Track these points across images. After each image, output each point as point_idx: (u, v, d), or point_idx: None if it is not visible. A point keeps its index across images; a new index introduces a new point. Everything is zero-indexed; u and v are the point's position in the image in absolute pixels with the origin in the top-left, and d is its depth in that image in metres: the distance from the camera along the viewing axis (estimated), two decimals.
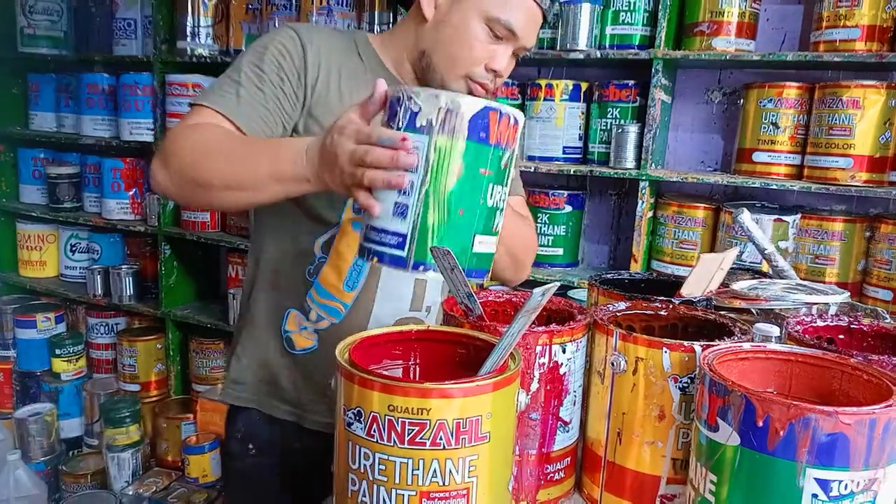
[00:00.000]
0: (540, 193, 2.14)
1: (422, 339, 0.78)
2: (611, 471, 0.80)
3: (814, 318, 0.87)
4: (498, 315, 0.92)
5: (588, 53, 1.95)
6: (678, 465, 0.76)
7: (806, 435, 0.58)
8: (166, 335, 2.65)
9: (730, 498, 0.63)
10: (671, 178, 1.94)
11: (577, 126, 2.10)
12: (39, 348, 2.76)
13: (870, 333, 0.86)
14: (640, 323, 0.89)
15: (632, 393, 0.77)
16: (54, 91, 2.85)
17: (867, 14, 1.70)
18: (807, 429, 0.58)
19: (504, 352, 0.66)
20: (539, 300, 0.64)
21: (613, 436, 0.79)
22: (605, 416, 0.80)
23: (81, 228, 2.86)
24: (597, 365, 0.81)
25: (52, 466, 2.53)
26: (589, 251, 2.29)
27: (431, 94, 0.71)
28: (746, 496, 0.62)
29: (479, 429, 0.61)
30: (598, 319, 0.81)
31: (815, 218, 1.87)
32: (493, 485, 0.63)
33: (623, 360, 0.76)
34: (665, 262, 2.02)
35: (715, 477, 0.64)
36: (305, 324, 1.12)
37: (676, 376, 0.74)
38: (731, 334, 0.80)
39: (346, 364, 0.64)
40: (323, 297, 1.10)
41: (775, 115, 1.85)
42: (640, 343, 0.75)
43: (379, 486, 0.61)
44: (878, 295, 1.80)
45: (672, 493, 0.77)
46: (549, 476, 0.81)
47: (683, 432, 0.75)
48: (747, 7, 1.85)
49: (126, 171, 2.67)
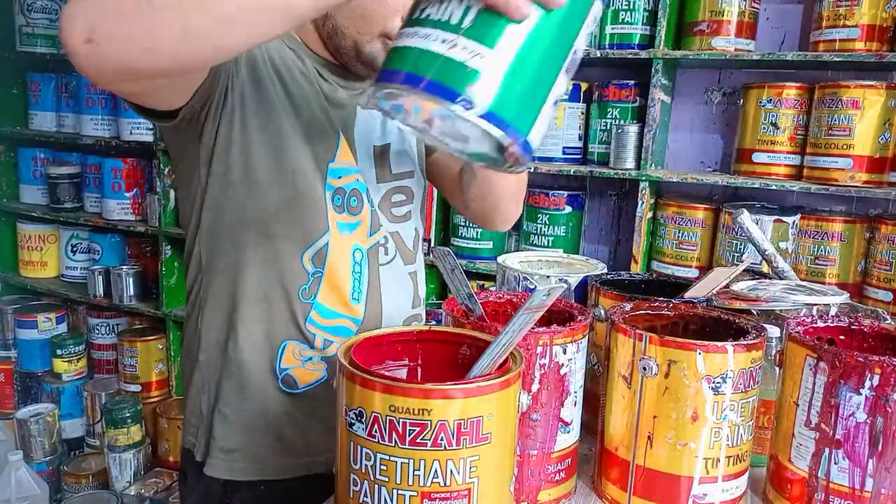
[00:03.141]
0: (540, 194, 2.14)
1: (423, 339, 0.78)
2: (641, 475, 0.79)
3: (814, 318, 0.87)
4: (498, 315, 0.92)
5: (588, 53, 1.95)
6: (710, 465, 0.77)
7: None
8: (167, 335, 2.65)
9: None
10: (671, 179, 1.94)
11: (576, 126, 2.10)
12: (40, 349, 2.76)
13: (870, 334, 0.86)
14: (644, 323, 0.89)
15: (664, 396, 0.77)
16: (54, 90, 2.85)
17: (867, 14, 1.70)
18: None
19: (502, 349, 0.66)
20: (543, 299, 0.63)
21: (643, 439, 0.79)
22: (634, 420, 0.79)
23: (82, 229, 2.87)
24: (620, 369, 0.81)
25: (53, 467, 2.54)
26: (589, 252, 2.30)
27: None
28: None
29: (480, 429, 0.61)
30: (618, 322, 0.81)
31: (814, 219, 1.88)
32: (495, 485, 0.64)
33: (654, 363, 0.76)
34: (665, 263, 2.02)
35: None
36: (309, 353, 0.97)
37: (710, 377, 0.74)
38: (745, 332, 0.80)
39: (348, 364, 0.64)
40: (328, 317, 0.97)
41: (775, 115, 1.85)
42: (674, 346, 0.75)
43: (380, 487, 0.61)
44: (879, 296, 1.80)
45: (704, 492, 0.77)
46: (550, 477, 0.81)
47: (715, 431, 0.76)
48: (747, 6, 1.85)
49: (127, 171, 2.67)
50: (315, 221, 0.94)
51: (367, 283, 1.00)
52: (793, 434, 0.79)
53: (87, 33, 0.61)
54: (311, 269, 0.95)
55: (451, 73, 0.57)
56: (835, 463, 0.75)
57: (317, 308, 0.96)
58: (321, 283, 0.96)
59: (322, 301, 0.96)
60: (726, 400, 0.75)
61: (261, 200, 0.93)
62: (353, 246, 0.98)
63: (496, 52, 0.57)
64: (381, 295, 1.01)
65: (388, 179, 1.03)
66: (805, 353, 0.77)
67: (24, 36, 2.80)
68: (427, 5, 0.60)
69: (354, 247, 0.98)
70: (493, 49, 0.57)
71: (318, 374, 0.98)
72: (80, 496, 2.40)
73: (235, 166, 0.93)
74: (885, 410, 0.72)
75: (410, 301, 1.08)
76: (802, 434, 0.78)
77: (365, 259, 1.00)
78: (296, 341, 0.96)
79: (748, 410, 0.78)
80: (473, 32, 0.57)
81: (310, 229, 0.94)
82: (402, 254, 1.06)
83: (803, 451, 0.77)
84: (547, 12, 0.58)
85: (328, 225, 0.95)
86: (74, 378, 2.73)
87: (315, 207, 0.94)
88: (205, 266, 0.98)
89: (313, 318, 0.96)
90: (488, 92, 0.57)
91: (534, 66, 0.59)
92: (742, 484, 0.81)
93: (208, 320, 0.98)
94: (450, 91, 0.57)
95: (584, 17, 0.62)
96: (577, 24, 0.61)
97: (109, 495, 2.37)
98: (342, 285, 0.97)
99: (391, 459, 0.60)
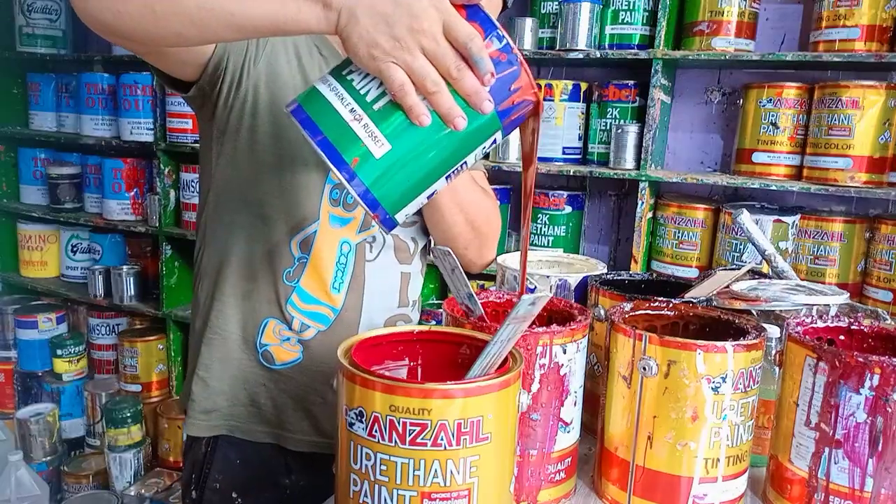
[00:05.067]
0: (539, 194, 2.14)
1: (423, 339, 0.78)
2: (641, 475, 0.80)
3: (814, 319, 0.87)
4: (498, 315, 0.92)
5: (588, 53, 1.95)
6: (710, 465, 0.77)
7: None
8: (167, 336, 2.66)
9: None
10: (671, 179, 1.94)
11: (576, 126, 2.11)
12: (41, 349, 2.76)
13: (870, 334, 0.86)
14: (644, 323, 0.89)
15: (664, 396, 0.77)
16: (54, 91, 2.85)
17: (867, 14, 1.70)
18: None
19: (492, 359, 0.66)
20: (529, 308, 0.62)
21: (643, 440, 0.79)
22: (634, 420, 0.79)
23: (82, 229, 2.87)
24: (620, 369, 0.81)
25: (53, 467, 2.54)
26: (589, 252, 2.30)
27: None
28: None
29: (480, 429, 0.61)
30: (618, 322, 0.81)
31: (814, 219, 1.88)
32: (495, 485, 0.64)
33: (654, 363, 0.76)
34: (665, 263, 2.02)
35: None
36: (287, 334, 1.01)
37: (710, 377, 0.75)
38: (745, 332, 0.80)
39: (348, 364, 0.64)
40: (307, 302, 1.00)
41: (775, 115, 1.85)
42: (673, 346, 0.75)
43: (380, 487, 0.61)
44: (878, 296, 1.80)
45: (704, 492, 0.77)
46: (550, 477, 0.81)
47: (715, 431, 0.76)
48: (747, 7, 1.86)
49: (127, 171, 2.68)
50: (307, 210, 0.98)
51: (350, 275, 1.02)
52: (793, 434, 0.79)
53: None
54: (298, 255, 0.99)
55: (346, 141, 0.62)
56: (835, 463, 0.75)
57: (298, 292, 1.00)
58: (305, 268, 1.00)
59: (304, 286, 1.00)
60: (726, 400, 0.75)
61: (261, 184, 0.98)
62: (341, 239, 1.01)
63: (391, 143, 0.62)
64: (363, 289, 1.03)
65: None
66: (805, 353, 0.78)
67: (24, 36, 2.80)
68: (355, 69, 0.65)
69: (343, 240, 1.01)
70: (389, 140, 0.62)
71: (294, 355, 1.02)
72: (80, 496, 2.40)
73: (242, 149, 0.98)
74: (885, 410, 0.72)
75: (397, 300, 1.09)
76: (802, 434, 0.78)
77: (352, 252, 1.01)
78: (276, 320, 1.01)
79: (748, 410, 0.78)
80: (379, 117, 0.63)
81: (301, 217, 0.98)
82: (398, 254, 1.07)
83: (803, 452, 0.78)
84: (443, 127, 0.63)
85: (318, 215, 0.98)
86: (75, 378, 2.73)
87: (310, 197, 0.98)
88: (206, 238, 1.05)
89: (294, 300, 1.00)
90: (371, 173, 0.62)
91: (420, 167, 0.64)
92: (742, 484, 0.81)
93: (202, 290, 1.06)
94: (339, 157, 0.62)
95: (483, 141, 0.66)
96: (474, 145, 0.66)
97: (110, 495, 2.37)
98: (325, 274, 1.00)
99: (391, 459, 0.60)
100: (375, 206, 0.64)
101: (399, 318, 1.10)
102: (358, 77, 0.65)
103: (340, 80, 0.65)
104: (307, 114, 0.64)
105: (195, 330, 1.08)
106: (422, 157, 0.64)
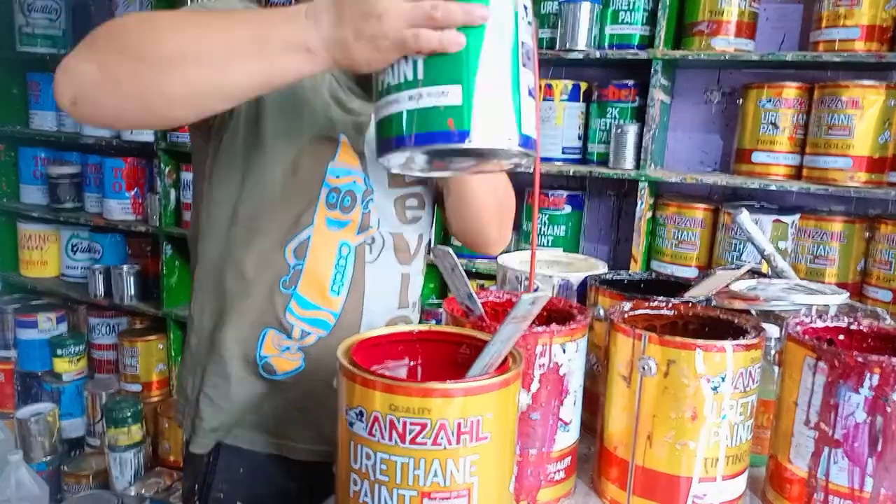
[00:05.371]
0: (539, 194, 2.14)
1: (423, 339, 0.78)
2: (640, 474, 0.80)
3: (813, 318, 0.87)
4: (498, 315, 0.92)
5: (587, 53, 1.95)
6: (709, 464, 0.77)
7: None
8: (168, 335, 2.66)
9: None
10: (670, 179, 1.94)
11: (576, 126, 2.11)
12: (41, 348, 2.76)
13: (869, 334, 0.86)
14: (643, 323, 0.89)
15: (663, 395, 0.77)
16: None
17: (867, 14, 1.70)
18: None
19: (491, 358, 0.66)
20: (529, 308, 0.62)
21: (643, 439, 0.79)
22: (633, 419, 0.80)
23: (82, 228, 2.87)
24: (619, 368, 0.81)
25: (53, 467, 2.54)
26: (588, 252, 2.30)
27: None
28: None
29: (480, 429, 0.61)
30: (617, 322, 0.82)
31: (814, 218, 1.88)
32: (494, 485, 0.64)
33: (654, 363, 0.76)
34: (665, 263, 2.02)
35: None
36: (287, 343, 0.99)
37: (709, 377, 0.75)
38: (744, 332, 0.80)
39: (348, 364, 0.64)
40: (306, 309, 0.99)
41: (774, 115, 1.85)
42: (673, 345, 0.76)
43: (380, 486, 0.61)
44: (878, 295, 1.80)
45: (703, 492, 0.77)
46: (550, 476, 0.81)
47: (714, 431, 0.76)
48: (746, 7, 1.86)
49: (127, 170, 2.67)
50: (301, 216, 0.98)
51: (349, 277, 1.01)
52: (792, 434, 0.79)
53: (71, 98, 0.74)
54: (293, 262, 0.98)
55: (430, 119, 0.64)
56: (834, 463, 0.75)
57: (296, 299, 0.99)
58: (301, 275, 0.98)
59: (301, 293, 0.99)
60: (725, 399, 0.75)
61: (252, 198, 0.98)
62: (339, 241, 1.00)
63: (455, 83, 0.64)
64: (363, 291, 1.02)
65: (400, 186, 1.05)
66: (804, 352, 0.78)
67: (24, 36, 2.80)
68: (382, 75, 0.68)
69: (342, 242, 1.00)
70: (451, 83, 0.64)
71: (296, 363, 1.01)
72: (80, 496, 2.40)
73: (236, 166, 0.98)
74: (885, 410, 0.72)
75: (397, 301, 1.08)
76: (802, 434, 0.78)
77: (352, 254, 1.01)
78: (275, 330, 0.99)
79: (747, 410, 0.78)
80: (429, 79, 0.65)
81: (294, 223, 0.98)
82: (398, 255, 1.06)
83: (803, 451, 0.78)
84: (476, 29, 0.64)
85: (313, 220, 0.98)
86: (75, 378, 2.73)
87: (305, 203, 0.97)
88: (200, 254, 1.04)
89: (292, 308, 0.99)
90: (468, 118, 0.63)
91: (491, 76, 0.65)
92: (741, 484, 0.81)
93: (198, 306, 1.04)
94: (436, 135, 0.64)
95: (514, 13, 0.66)
96: (510, 23, 0.66)
97: (110, 495, 2.37)
98: (322, 278, 0.99)
99: (391, 459, 0.60)
100: (498, 136, 0.65)
101: (399, 320, 1.09)
102: (389, 76, 0.67)
103: (386, 94, 0.68)
104: (392, 137, 0.66)
105: (190, 345, 1.06)
106: (485, 68, 0.64)
